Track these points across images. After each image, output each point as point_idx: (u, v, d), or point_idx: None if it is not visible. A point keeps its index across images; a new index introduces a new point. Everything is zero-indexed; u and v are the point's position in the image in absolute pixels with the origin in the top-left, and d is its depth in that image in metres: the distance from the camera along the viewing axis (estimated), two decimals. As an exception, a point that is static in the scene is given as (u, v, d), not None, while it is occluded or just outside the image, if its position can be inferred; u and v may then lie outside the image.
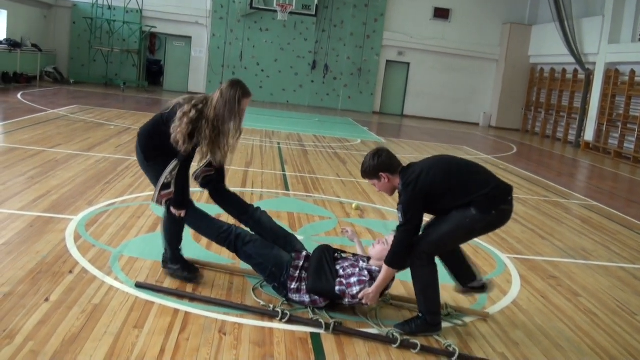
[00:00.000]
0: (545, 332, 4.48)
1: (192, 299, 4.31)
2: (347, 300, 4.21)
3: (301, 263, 4.40)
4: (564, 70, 23.09)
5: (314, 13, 24.62)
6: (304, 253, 4.53)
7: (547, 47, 23.75)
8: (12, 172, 7.61)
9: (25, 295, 4.07)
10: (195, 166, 4.71)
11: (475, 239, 6.83)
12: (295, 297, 4.32)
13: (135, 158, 4.93)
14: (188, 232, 4.96)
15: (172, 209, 4.52)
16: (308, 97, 25.91)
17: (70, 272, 4.59)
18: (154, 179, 4.58)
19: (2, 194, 6.56)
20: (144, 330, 3.75)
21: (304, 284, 4.29)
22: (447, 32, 26.11)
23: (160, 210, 4.82)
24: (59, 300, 4.05)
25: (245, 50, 25.23)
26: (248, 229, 4.77)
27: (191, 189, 4.65)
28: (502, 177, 4.55)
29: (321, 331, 3.99)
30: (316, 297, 4.27)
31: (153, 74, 27.41)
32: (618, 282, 5.93)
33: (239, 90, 4.38)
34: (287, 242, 4.70)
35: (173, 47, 25.89)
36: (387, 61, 26.36)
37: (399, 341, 3.88)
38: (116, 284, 4.45)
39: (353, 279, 4.21)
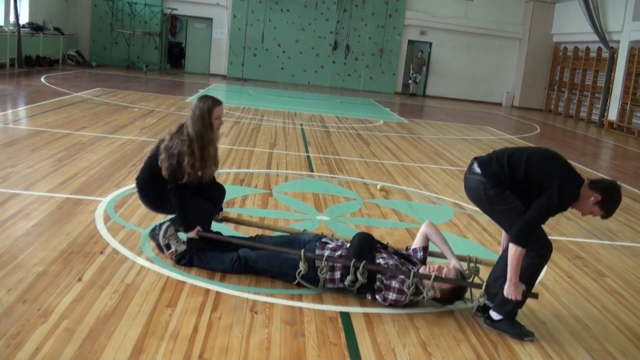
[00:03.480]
0: (572, 311, 4.50)
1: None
2: (378, 297, 4.20)
3: (327, 253, 4.35)
4: (588, 49, 22.79)
5: (335, -7, 24.52)
6: (327, 240, 4.55)
7: (571, 25, 23.45)
8: (39, 155, 7.71)
9: (58, 275, 4.16)
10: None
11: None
12: (330, 285, 4.31)
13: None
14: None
15: (186, 235, 4.66)
16: (329, 78, 25.84)
17: (102, 252, 4.67)
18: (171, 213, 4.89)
19: (31, 177, 6.67)
20: (176, 309, 3.83)
21: (336, 273, 4.26)
22: (469, 10, 25.82)
23: None
24: (92, 280, 4.14)
25: (267, 32, 25.18)
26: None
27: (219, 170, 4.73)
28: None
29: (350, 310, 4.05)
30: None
31: (174, 56, 27.47)
32: (644, 263, 5.92)
33: (207, 102, 4.62)
34: (294, 242, 4.65)
35: (194, 29, 25.93)
36: (409, 41, 26.19)
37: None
38: (147, 264, 4.53)
39: (394, 283, 4.16)
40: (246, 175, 7.84)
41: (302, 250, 4.32)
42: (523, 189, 3.88)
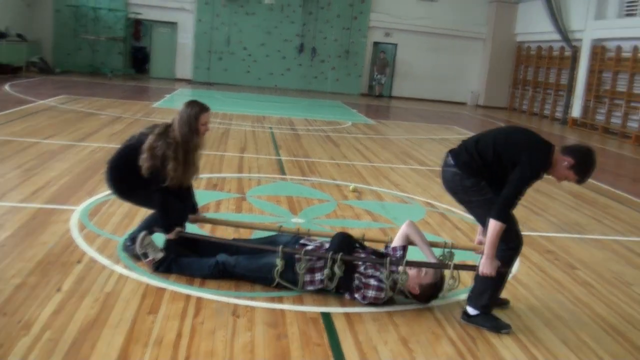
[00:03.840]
0: (546, 304, 4.62)
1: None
2: (357, 296, 4.27)
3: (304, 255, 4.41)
4: (551, 48, 23.21)
5: (300, -5, 24.63)
6: (305, 242, 4.59)
7: (534, 25, 23.84)
8: (8, 165, 7.62)
9: (36, 286, 4.13)
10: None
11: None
12: (310, 287, 4.37)
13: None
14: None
15: (167, 236, 4.68)
16: (296, 80, 25.86)
17: (79, 261, 4.65)
18: (140, 206, 5.03)
19: (1, 187, 6.57)
20: (158, 316, 3.84)
21: (317, 274, 4.32)
22: (433, 12, 26.07)
23: None
24: (71, 290, 4.12)
25: (232, 35, 25.12)
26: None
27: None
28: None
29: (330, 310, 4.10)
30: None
31: (138, 61, 27.18)
32: (612, 255, 6.09)
33: (195, 107, 4.61)
34: (272, 244, 4.67)
35: (158, 34, 25.72)
36: (374, 42, 26.35)
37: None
38: (126, 272, 4.52)
39: (373, 281, 4.24)
40: (218, 180, 7.85)
41: (281, 246, 4.37)
42: (497, 171, 3.99)
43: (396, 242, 4.59)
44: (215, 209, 6.51)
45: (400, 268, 4.23)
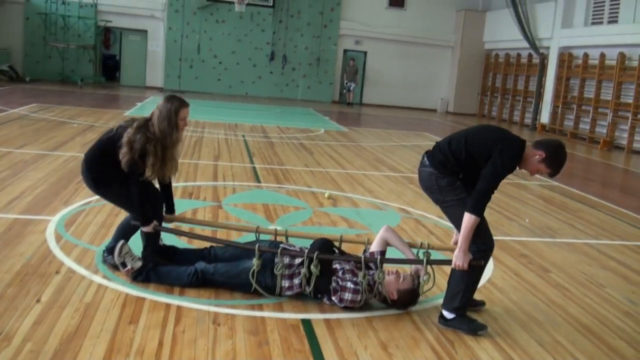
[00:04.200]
0: (521, 306, 4.72)
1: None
2: (334, 298, 4.33)
3: (287, 260, 4.43)
4: (519, 55, 23.57)
5: (271, 4, 24.64)
6: (287, 247, 4.62)
7: (502, 33, 24.20)
8: (-19, 175, 7.54)
9: (16, 298, 4.11)
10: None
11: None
12: (288, 293, 4.41)
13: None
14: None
15: (142, 229, 4.68)
16: (267, 88, 25.89)
17: (57, 272, 4.63)
18: (114, 202, 4.97)
19: (-25, 198, 6.52)
20: (139, 326, 3.84)
21: (295, 280, 4.37)
22: (402, 20, 26.36)
23: None
24: (51, 301, 4.10)
25: (202, 43, 25.08)
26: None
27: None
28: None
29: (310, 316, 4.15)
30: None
31: (108, 68, 26.98)
32: (584, 257, 6.22)
33: (175, 102, 4.60)
34: (251, 251, 4.72)
35: (129, 42, 25.58)
36: (345, 50, 26.51)
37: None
38: (104, 282, 4.51)
39: (350, 284, 4.30)
40: (194, 189, 7.85)
41: (257, 245, 4.41)
42: (470, 170, 4.08)
43: (374, 247, 4.64)
44: (191, 217, 6.49)
45: (380, 273, 4.30)
